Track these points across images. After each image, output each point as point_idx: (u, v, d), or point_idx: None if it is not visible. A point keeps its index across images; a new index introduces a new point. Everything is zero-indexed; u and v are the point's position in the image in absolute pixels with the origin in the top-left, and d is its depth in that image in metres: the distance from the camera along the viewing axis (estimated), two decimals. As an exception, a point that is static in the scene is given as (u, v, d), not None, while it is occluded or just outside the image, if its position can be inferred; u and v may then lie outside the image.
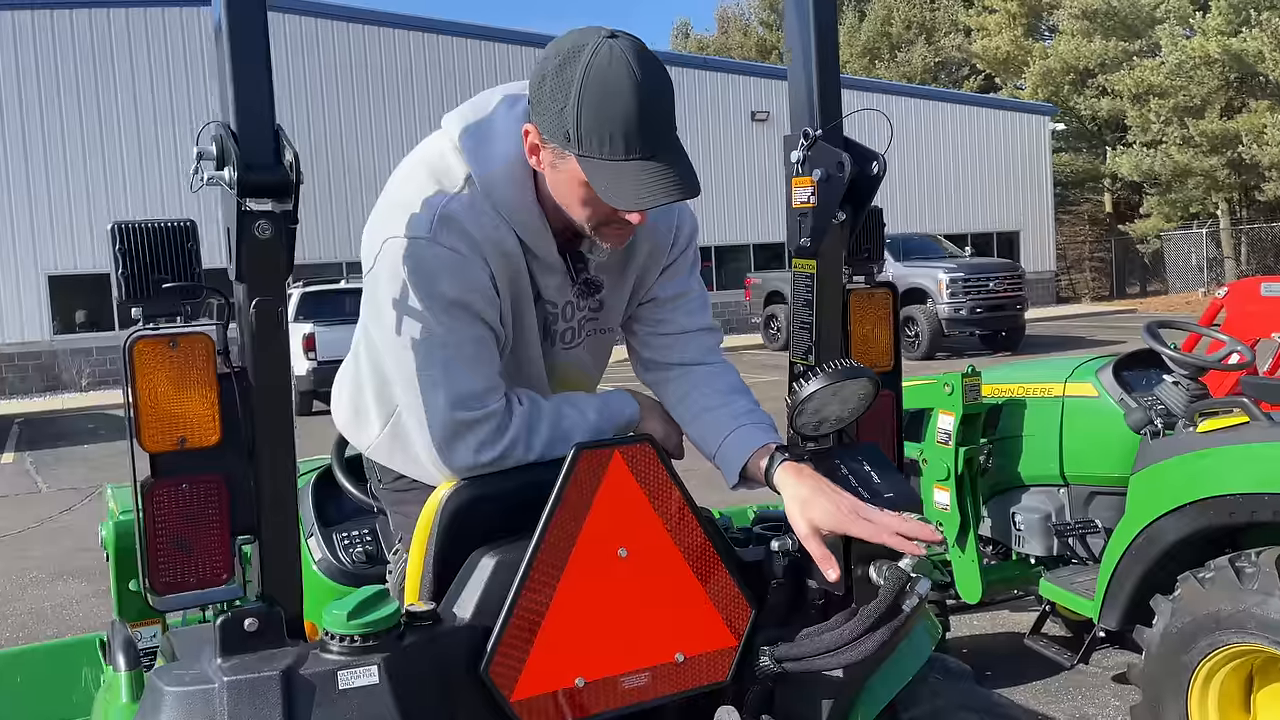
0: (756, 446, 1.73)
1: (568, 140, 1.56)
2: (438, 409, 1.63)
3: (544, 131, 1.60)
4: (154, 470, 1.40)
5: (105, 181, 22.05)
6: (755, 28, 46.92)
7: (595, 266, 1.80)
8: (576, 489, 1.56)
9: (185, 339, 1.39)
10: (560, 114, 1.55)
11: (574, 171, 1.60)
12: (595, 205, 1.63)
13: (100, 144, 21.94)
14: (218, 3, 1.36)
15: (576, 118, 1.54)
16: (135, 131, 22.17)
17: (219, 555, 1.43)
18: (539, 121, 1.60)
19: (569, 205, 1.66)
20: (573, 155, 1.57)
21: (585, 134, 1.54)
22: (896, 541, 1.58)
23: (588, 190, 1.61)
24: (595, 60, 1.53)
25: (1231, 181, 30.75)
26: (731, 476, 1.77)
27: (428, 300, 1.61)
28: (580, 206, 1.65)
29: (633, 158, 1.54)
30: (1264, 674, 3.21)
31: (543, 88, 1.58)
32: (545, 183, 1.67)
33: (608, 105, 1.52)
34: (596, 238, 1.71)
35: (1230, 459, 3.18)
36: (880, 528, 1.58)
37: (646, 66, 1.54)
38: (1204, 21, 29.83)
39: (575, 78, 1.53)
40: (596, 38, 1.55)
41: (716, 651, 1.67)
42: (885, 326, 1.93)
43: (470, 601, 1.55)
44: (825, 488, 1.64)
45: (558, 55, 1.57)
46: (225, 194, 1.36)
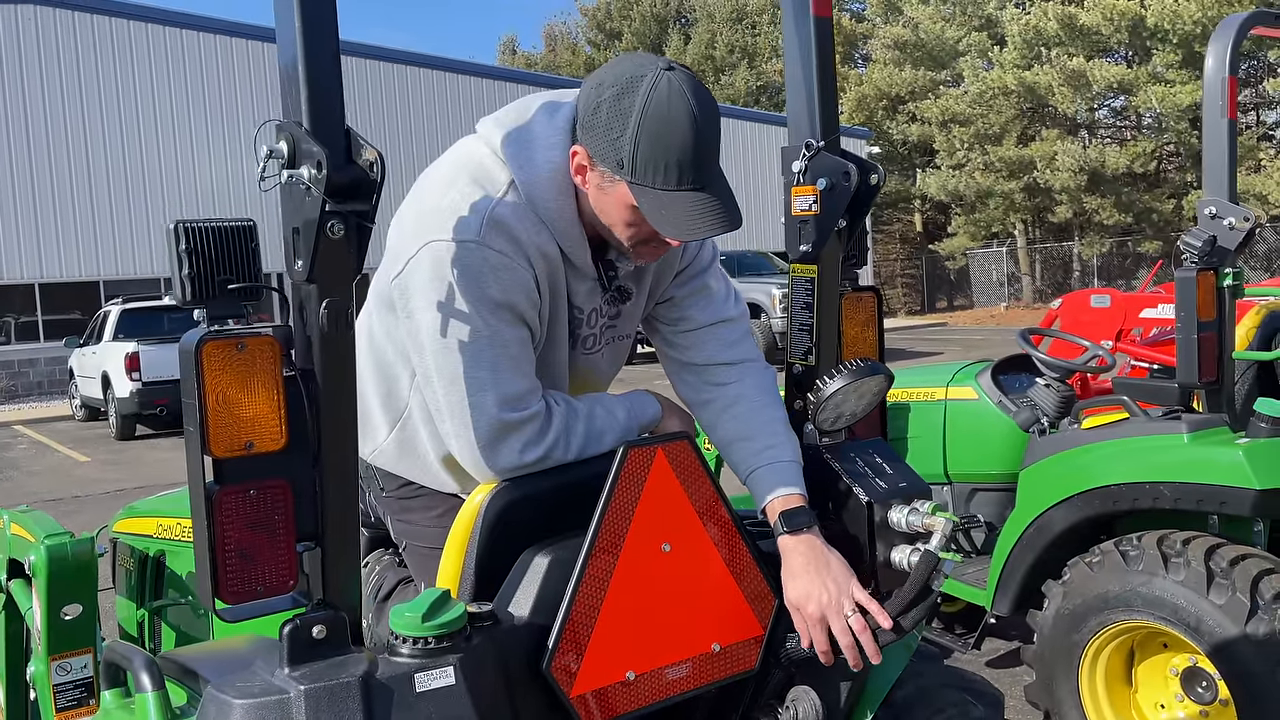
0: (767, 499, 1.79)
1: (620, 167, 1.61)
2: (485, 410, 1.64)
3: (595, 155, 1.64)
4: (219, 476, 1.35)
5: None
6: (583, 47, 47.36)
7: (623, 274, 1.85)
8: (625, 487, 1.60)
9: (252, 341, 1.36)
10: (615, 142, 1.60)
11: (622, 196, 1.65)
12: (639, 227, 1.69)
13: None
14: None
15: (633, 147, 1.59)
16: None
17: (285, 562, 1.39)
18: (590, 145, 1.64)
19: (612, 224, 1.71)
20: (623, 181, 1.63)
21: (641, 164, 1.59)
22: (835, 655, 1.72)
23: (634, 214, 1.66)
24: (655, 93, 1.58)
25: (1027, 204, 33.11)
26: (758, 510, 1.83)
27: (476, 303, 1.62)
28: (624, 227, 1.70)
29: (684, 188, 1.61)
30: (1143, 648, 3.52)
31: (598, 114, 1.62)
32: (585, 196, 1.71)
33: (665, 138, 1.58)
34: (630, 254, 1.77)
35: (1113, 452, 3.48)
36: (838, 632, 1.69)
37: (701, 100, 1.61)
38: (1001, 55, 32.09)
39: (634, 108, 1.58)
40: (655, 69, 1.61)
41: (747, 640, 1.74)
42: (872, 327, 2.05)
43: (526, 600, 1.57)
44: (814, 570, 1.71)
45: (614, 85, 1.61)
46: (295, 193, 1.34)
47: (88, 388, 16.35)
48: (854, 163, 1.85)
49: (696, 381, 1.95)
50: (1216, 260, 3.29)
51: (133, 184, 23.17)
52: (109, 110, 22.88)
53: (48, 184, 22.36)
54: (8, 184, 21.99)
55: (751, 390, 1.90)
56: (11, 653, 3.04)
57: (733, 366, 1.93)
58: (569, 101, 1.73)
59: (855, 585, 1.72)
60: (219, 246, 1.37)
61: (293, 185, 1.33)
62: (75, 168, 22.61)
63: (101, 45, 22.84)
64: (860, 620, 1.70)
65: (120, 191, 23.10)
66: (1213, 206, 3.28)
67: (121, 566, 3.09)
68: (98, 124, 22.78)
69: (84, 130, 22.66)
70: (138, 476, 11.37)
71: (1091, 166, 30.23)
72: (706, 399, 1.93)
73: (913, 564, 1.72)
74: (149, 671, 1.56)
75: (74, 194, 22.60)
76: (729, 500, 1.74)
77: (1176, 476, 3.29)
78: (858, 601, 1.70)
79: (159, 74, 23.31)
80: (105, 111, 22.84)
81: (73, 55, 22.54)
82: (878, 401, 1.84)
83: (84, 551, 2.51)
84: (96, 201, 22.83)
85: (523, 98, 1.80)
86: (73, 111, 22.53)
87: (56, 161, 22.42)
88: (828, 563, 1.72)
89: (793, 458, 1.82)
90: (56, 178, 22.44)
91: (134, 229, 23.17)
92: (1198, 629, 3.16)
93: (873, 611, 1.69)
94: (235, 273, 1.39)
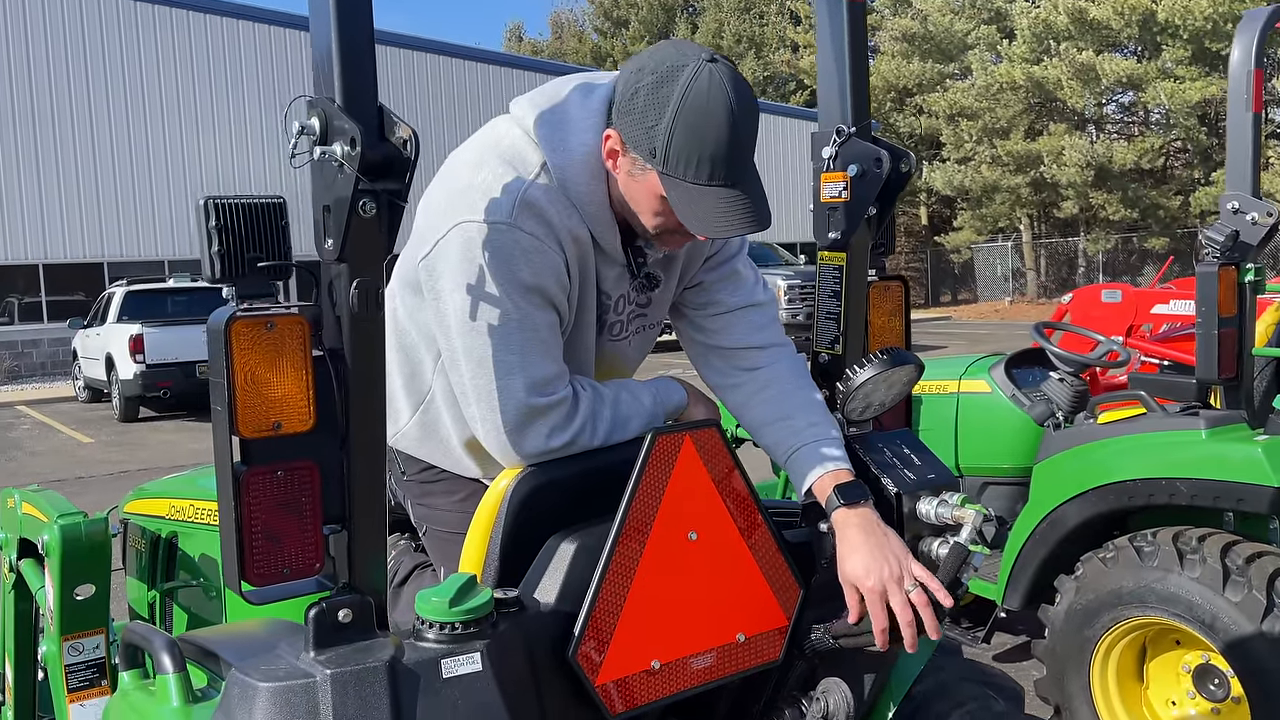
0: (815, 475, 1.75)
1: (652, 156, 1.59)
2: (514, 393, 1.62)
3: (628, 142, 1.62)
4: (247, 457, 1.33)
5: None
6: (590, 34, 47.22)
7: (652, 261, 1.82)
8: (653, 473, 1.58)
9: (281, 320, 1.34)
10: (650, 130, 1.58)
11: (653, 185, 1.63)
12: (666, 217, 1.67)
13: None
14: None
15: (668, 138, 1.56)
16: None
17: (311, 544, 1.38)
18: (624, 131, 1.62)
19: (640, 211, 1.69)
20: (655, 170, 1.60)
21: (674, 155, 1.57)
22: (896, 633, 1.66)
23: (662, 204, 1.64)
24: (695, 84, 1.55)
25: (1033, 199, 33.02)
26: (801, 492, 1.80)
27: (506, 285, 1.60)
28: (651, 215, 1.68)
29: (715, 184, 1.58)
30: (1155, 645, 3.50)
31: (634, 101, 1.59)
32: (616, 182, 1.69)
33: (701, 131, 1.55)
34: (655, 242, 1.74)
35: (1129, 447, 3.46)
36: (898, 606, 1.64)
37: (741, 95, 1.58)
38: (1010, 49, 31.95)
39: (672, 98, 1.56)
40: (697, 60, 1.57)
41: (772, 631, 1.72)
42: (899, 316, 2.03)
43: (552, 587, 1.55)
44: (874, 543, 1.66)
45: (654, 72, 1.58)
46: (326, 171, 1.32)
47: (91, 369, 16.35)
48: (885, 149, 1.83)
49: (725, 366, 1.92)
50: (1238, 255, 3.27)
51: (138, 165, 23.17)
52: (114, 91, 22.84)
53: (53, 165, 22.33)
54: (13, 164, 21.97)
55: (785, 373, 1.88)
56: (21, 633, 3.03)
57: (763, 350, 1.90)
58: (604, 84, 1.71)
59: (914, 561, 1.67)
60: (249, 224, 1.35)
61: (325, 162, 1.30)
62: (80, 148, 22.59)
63: (108, 26, 22.78)
64: (922, 595, 1.64)
65: (125, 173, 23.08)
66: (1235, 201, 3.26)
67: (132, 547, 3.07)
68: (103, 105, 22.75)
69: (89, 111, 22.63)
70: (141, 458, 11.37)
71: (1099, 162, 30.13)
72: (736, 382, 1.90)
73: (941, 556, 1.70)
74: (170, 653, 1.54)
75: (79, 175, 22.58)
76: (755, 488, 1.72)
77: (1194, 473, 3.27)
78: (917, 577, 1.65)
79: (165, 55, 23.27)
80: (111, 92, 22.80)
81: (79, 35, 22.50)
82: (907, 392, 1.82)
83: (98, 532, 2.49)
84: (101, 183, 22.82)
85: (556, 79, 1.77)
86: (78, 92, 22.49)
87: (62, 142, 22.39)
88: (887, 536, 1.69)
89: (837, 435, 1.79)
90: (61, 158, 22.42)
91: (139, 211, 23.19)
92: (1212, 626, 3.14)
93: (932, 588, 1.64)
94: (265, 251, 1.37)
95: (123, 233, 23.12)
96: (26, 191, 22.17)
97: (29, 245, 22.32)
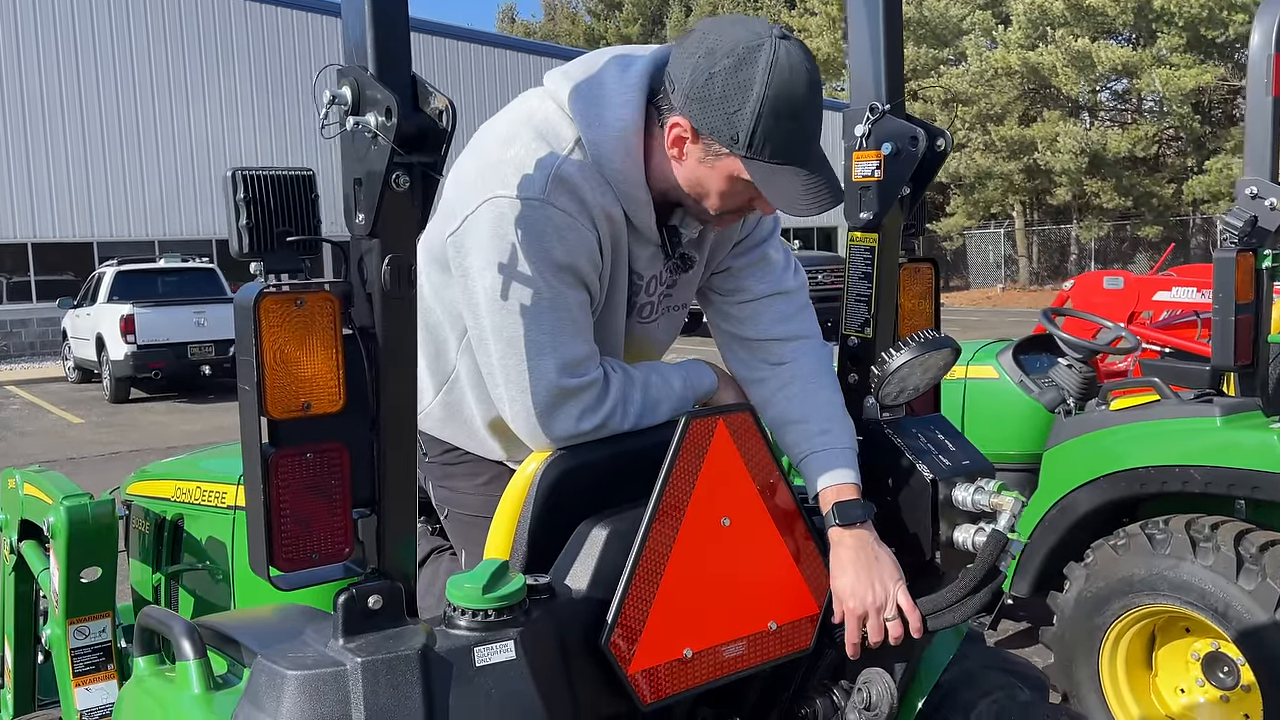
0: (820, 487, 1.73)
1: (734, 142, 1.56)
2: (543, 374, 1.58)
3: (703, 128, 1.57)
4: (275, 438, 1.29)
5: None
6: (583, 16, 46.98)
7: (686, 242, 1.78)
8: (686, 458, 1.55)
9: (311, 297, 1.29)
10: (732, 116, 1.54)
11: (728, 169, 1.60)
12: (735, 198, 1.64)
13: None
14: None
15: (753, 123, 1.53)
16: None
17: (341, 528, 1.33)
18: (698, 118, 1.57)
19: (704, 194, 1.65)
20: (734, 155, 1.57)
21: (760, 139, 1.54)
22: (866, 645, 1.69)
23: (733, 185, 1.61)
24: (776, 66, 1.52)
25: (1026, 185, 33.01)
26: (810, 495, 1.77)
27: (538, 263, 1.55)
28: (718, 197, 1.65)
29: (797, 164, 1.56)
30: (1165, 632, 3.49)
31: (710, 85, 1.55)
32: (661, 160, 1.65)
33: (786, 114, 1.53)
34: (714, 221, 1.71)
35: (1143, 434, 3.44)
36: (872, 630, 1.66)
37: (813, 72, 1.56)
38: (1005, 35, 31.89)
39: (755, 81, 1.52)
40: (770, 38, 1.54)
41: (803, 619, 1.69)
42: (929, 299, 1.99)
43: (584, 573, 1.51)
44: (862, 566, 1.66)
45: (729, 54, 1.54)
46: (359, 142, 1.27)
47: (81, 349, 16.23)
48: (920, 127, 1.79)
49: (749, 358, 1.88)
50: (1256, 241, 3.24)
51: (128, 144, 23.00)
52: (104, 69, 22.64)
53: (42, 143, 22.13)
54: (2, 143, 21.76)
55: (807, 370, 1.83)
56: (21, 616, 2.98)
57: (787, 343, 1.86)
58: (642, 58, 1.66)
59: (901, 588, 1.69)
60: (278, 196, 1.30)
61: (358, 133, 1.26)
62: (70, 127, 22.39)
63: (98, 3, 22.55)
64: (898, 626, 1.69)
65: (115, 152, 22.89)
66: (1254, 186, 3.22)
67: (136, 530, 3.02)
68: (93, 83, 22.54)
69: (79, 89, 22.41)
70: (133, 440, 11.29)
71: (1093, 149, 30.12)
72: (760, 377, 1.86)
73: (978, 545, 1.67)
74: (191, 638, 1.50)
75: (68, 154, 22.40)
76: (788, 473, 1.68)
77: (1209, 460, 3.24)
78: (901, 607, 1.68)
79: (156, 33, 23.07)
80: (101, 70, 22.59)
81: (68, 13, 22.28)
82: (942, 376, 1.79)
83: (104, 513, 2.45)
84: (91, 162, 22.63)
85: (591, 52, 1.72)
86: (68, 70, 22.27)
87: (51, 121, 22.18)
88: (877, 559, 1.68)
89: (848, 444, 1.76)
90: (51, 137, 22.21)
91: (129, 190, 23.03)
92: (1225, 614, 3.12)
93: (911, 620, 1.68)
94: (294, 224, 1.32)
95: (113, 212, 22.94)
96: (15, 170, 21.97)
97: (17, 224, 22.14)
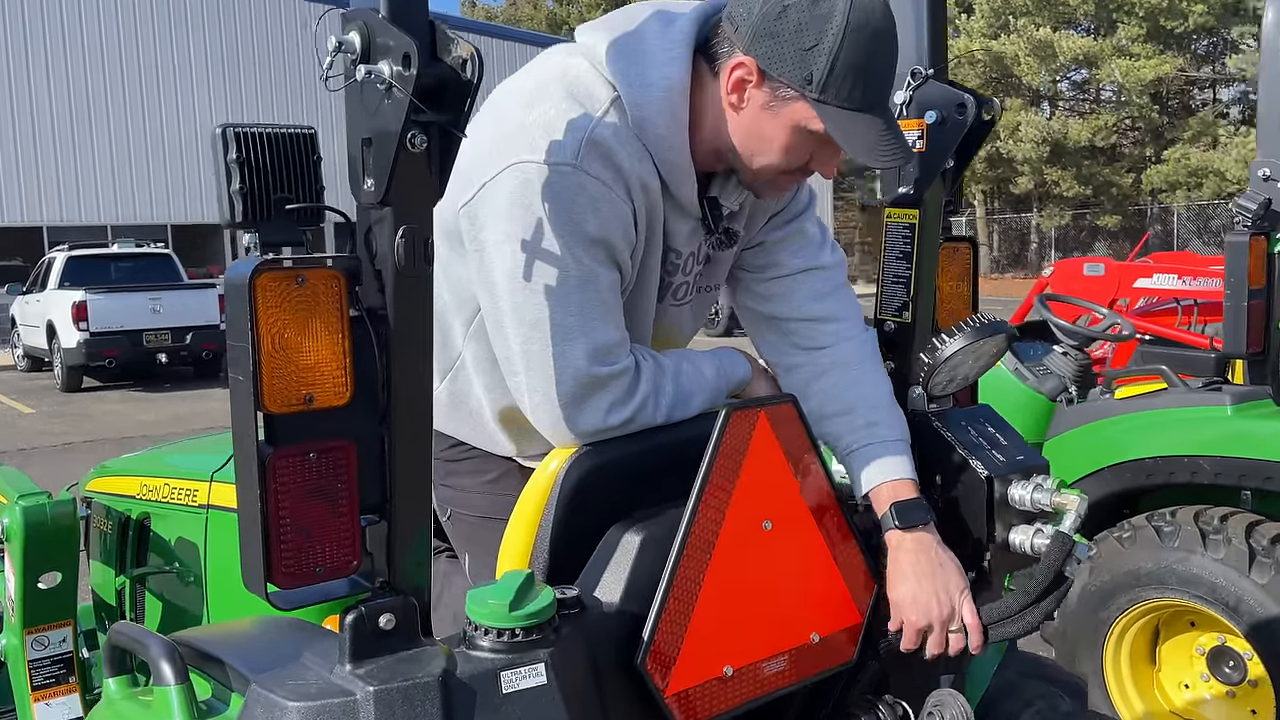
0: (873, 485, 1.59)
1: (807, 83, 1.40)
2: (572, 362, 1.42)
3: (772, 68, 1.42)
4: (274, 436, 1.12)
5: None
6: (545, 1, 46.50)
7: (727, 214, 1.61)
8: (726, 455, 1.39)
9: (314, 274, 1.12)
10: (807, 53, 1.39)
11: (795, 115, 1.44)
12: (800, 153, 1.49)
13: None
14: None
15: (831, 60, 1.38)
16: None
17: (348, 537, 1.17)
18: (766, 56, 1.41)
19: (759, 150, 1.49)
20: (803, 99, 1.42)
21: (837, 79, 1.39)
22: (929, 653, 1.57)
23: (798, 137, 1.46)
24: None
25: (988, 174, 33.16)
26: (859, 494, 1.63)
27: (568, 236, 1.39)
28: (780, 153, 1.49)
29: (873, 110, 1.42)
30: (1169, 627, 3.40)
31: (783, 20, 1.39)
32: (712, 119, 1.49)
33: (867, 52, 1.39)
34: (766, 186, 1.55)
35: (1150, 423, 3.34)
36: (933, 644, 1.55)
37: (890, 13, 1.42)
38: (968, 23, 31.95)
39: (836, 13, 1.37)
40: None
41: (846, 630, 1.55)
42: (967, 281, 1.86)
43: (616, 584, 1.35)
44: (926, 575, 1.54)
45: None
46: (370, 96, 1.10)
47: (31, 337, 15.76)
48: (968, 94, 1.65)
49: (782, 343, 1.71)
50: (1269, 225, 3.14)
51: (79, 126, 22.40)
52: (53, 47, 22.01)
53: (-12, 125, 21.52)
54: (-54, 124, 21.14)
55: (849, 355, 1.67)
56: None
57: (824, 325, 1.69)
58: (685, 13, 1.51)
59: (966, 599, 1.56)
60: (276, 157, 1.13)
61: (369, 85, 1.09)
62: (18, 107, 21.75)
63: (45, -19, 21.93)
64: (960, 639, 1.56)
65: (65, 133, 22.28)
66: (1266, 169, 3.13)
67: (97, 529, 2.82)
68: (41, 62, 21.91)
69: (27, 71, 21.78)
70: (86, 430, 10.95)
71: (1054, 138, 30.32)
72: (795, 363, 1.70)
73: (1037, 547, 1.53)
74: (171, 661, 1.32)
75: (16, 135, 21.76)
76: (830, 469, 1.54)
77: (1220, 450, 3.15)
78: (965, 622, 1.55)
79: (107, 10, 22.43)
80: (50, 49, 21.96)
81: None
82: (993, 364, 1.65)
83: (65, 514, 2.25)
84: (40, 143, 22.02)
85: (627, 6, 1.55)
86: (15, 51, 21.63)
87: (-2, 101, 21.56)
88: (941, 566, 1.54)
89: (900, 436, 1.61)
90: (-4, 119, 21.60)
91: (79, 174, 22.45)
92: (1236, 609, 3.04)
93: (972, 634, 1.56)
94: (294, 190, 1.15)
95: (63, 196, 22.34)
96: (-40, 152, 21.35)
97: (-37, 208, 21.52)
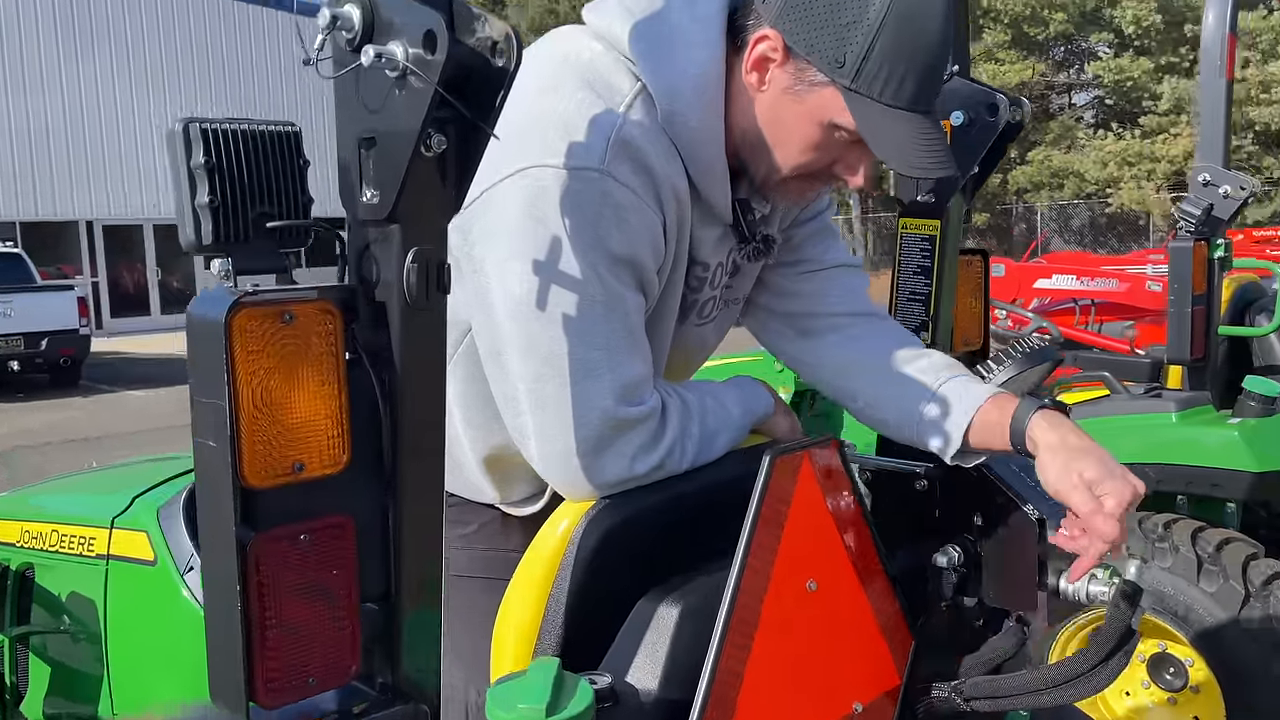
0: (983, 400, 1.36)
1: (838, 65, 1.19)
2: (596, 402, 1.20)
3: (799, 44, 1.20)
4: (253, 516, 0.88)
5: None
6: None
7: (759, 218, 1.40)
8: (770, 509, 1.20)
9: (304, 309, 0.88)
10: (844, 30, 1.17)
11: (823, 104, 1.23)
12: (824, 152, 1.28)
13: None
14: None
15: (869, 42, 1.17)
16: None
17: (347, 637, 0.94)
18: (793, 30, 1.20)
19: (781, 143, 1.28)
20: (835, 86, 1.21)
21: (874, 66, 1.18)
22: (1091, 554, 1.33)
23: (826, 133, 1.25)
24: None
25: (862, 174, 33.85)
26: (952, 443, 1.39)
27: (592, 254, 1.17)
28: (804, 150, 1.28)
29: (916, 110, 1.21)
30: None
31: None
32: (740, 106, 1.27)
33: (914, 39, 1.18)
34: (778, 190, 1.34)
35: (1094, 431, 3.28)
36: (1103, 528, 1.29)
37: (951, 6, 1.22)
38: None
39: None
40: None
41: (886, 694, 1.38)
42: (979, 297, 1.72)
43: (652, 669, 1.15)
44: (1103, 452, 1.35)
45: None
46: (374, 84, 0.87)
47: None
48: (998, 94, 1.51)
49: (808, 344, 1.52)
50: (1209, 230, 3.13)
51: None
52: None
53: None
54: None
55: (895, 341, 1.49)
56: None
57: (859, 318, 1.51)
58: None
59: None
60: (253, 163, 0.89)
61: (375, 71, 0.86)
62: None
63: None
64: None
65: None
66: (1206, 174, 3.11)
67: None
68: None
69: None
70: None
71: (925, 140, 31.20)
72: (830, 344, 1.50)
73: (1093, 595, 1.39)
74: None
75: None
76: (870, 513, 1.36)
77: (1166, 458, 3.12)
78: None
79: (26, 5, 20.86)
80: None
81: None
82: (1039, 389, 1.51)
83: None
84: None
85: None
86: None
87: None
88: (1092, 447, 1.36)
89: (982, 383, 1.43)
90: None
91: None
92: (1186, 618, 3.01)
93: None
94: (276, 204, 0.91)
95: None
96: None
97: None
